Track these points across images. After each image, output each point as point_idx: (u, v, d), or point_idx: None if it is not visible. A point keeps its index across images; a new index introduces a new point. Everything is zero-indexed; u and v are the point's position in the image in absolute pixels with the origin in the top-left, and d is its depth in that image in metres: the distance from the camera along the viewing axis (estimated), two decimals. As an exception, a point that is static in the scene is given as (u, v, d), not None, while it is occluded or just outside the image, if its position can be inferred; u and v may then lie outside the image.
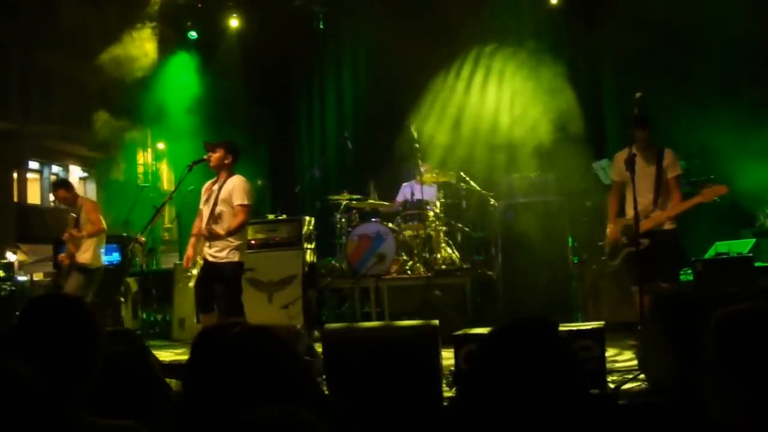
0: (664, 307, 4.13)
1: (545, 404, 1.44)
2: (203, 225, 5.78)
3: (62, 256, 7.19)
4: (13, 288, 10.09)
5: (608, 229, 5.89)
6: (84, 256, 6.95)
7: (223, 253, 5.69)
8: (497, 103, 9.74)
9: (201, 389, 1.84)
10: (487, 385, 1.48)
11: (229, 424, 1.37)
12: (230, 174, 5.85)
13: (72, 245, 6.97)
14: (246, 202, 5.73)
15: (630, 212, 5.52)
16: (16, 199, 21.41)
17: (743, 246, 7.38)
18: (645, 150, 5.57)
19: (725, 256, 7.05)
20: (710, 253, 7.34)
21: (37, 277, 19.60)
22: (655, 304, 4.34)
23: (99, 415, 1.86)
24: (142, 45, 11.37)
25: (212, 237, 5.63)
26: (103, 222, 7.18)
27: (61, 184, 7.60)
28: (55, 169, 23.43)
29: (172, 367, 4.50)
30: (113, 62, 10.82)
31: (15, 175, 21.52)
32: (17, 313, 1.96)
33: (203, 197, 5.90)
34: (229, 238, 5.70)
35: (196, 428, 1.78)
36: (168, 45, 12.95)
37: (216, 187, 5.82)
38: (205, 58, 11.44)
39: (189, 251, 5.89)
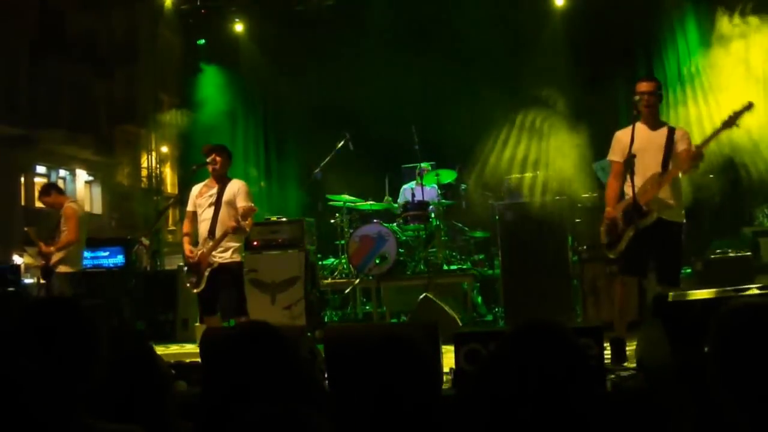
0: (664, 306, 4.16)
1: (558, 406, 1.45)
2: (204, 227, 5.85)
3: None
4: (21, 291, 10.16)
5: (606, 213, 5.28)
6: None
7: (227, 254, 5.79)
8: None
9: (213, 389, 1.87)
10: (500, 387, 1.50)
11: (234, 422, 1.40)
12: (227, 177, 5.94)
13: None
14: (252, 204, 5.84)
15: (630, 191, 5.00)
16: (23, 203, 21.53)
17: (742, 245, 7.41)
18: (652, 122, 5.08)
19: (725, 255, 7.08)
20: (710, 252, 7.37)
21: (44, 280, 19.66)
22: (654, 303, 4.36)
23: (104, 417, 1.90)
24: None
25: (236, 231, 5.70)
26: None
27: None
28: (62, 173, 23.56)
29: (176, 368, 4.57)
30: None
31: (22, 179, 21.65)
32: (17, 315, 1.97)
33: (196, 200, 5.96)
34: (231, 240, 5.78)
35: (215, 427, 1.81)
36: (172, 51, 13.05)
37: (215, 190, 5.88)
38: (210, 62, 11.53)
39: (187, 250, 5.95)
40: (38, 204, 23.00)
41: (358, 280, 7.65)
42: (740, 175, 7.32)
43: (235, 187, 5.88)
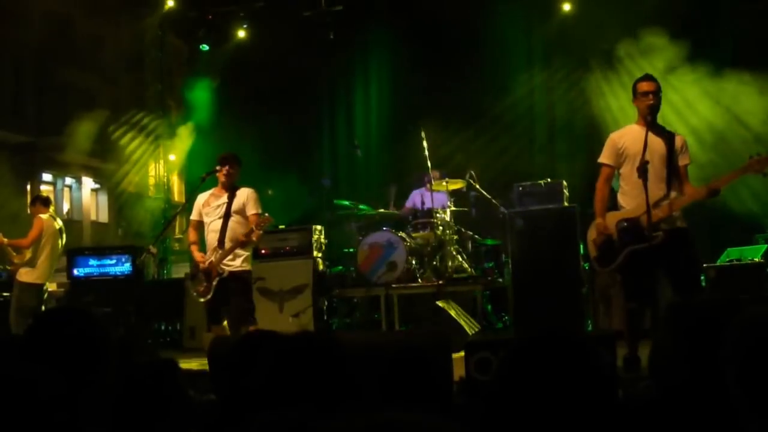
0: (678, 314, 4.10)
1: (570, 416, 1.42)
2: (213, 236, 5.81)
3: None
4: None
5: (595, 226, 4.86)
6: None
7: (237, 262, 5.76)
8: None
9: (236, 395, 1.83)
10: (516, 397, 1.47)
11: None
12: (236, 186, 5.91)
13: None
14: (261, 212, 5.80)
15: (628, 204, 4.77)
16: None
17: (755, 252, 7.34)
18: (654, 126, 4.74)
19: (738, 263, 7.02)
20: (722, 260, 7.30)
21: (51, 287, 19.73)
22: (667, 310, 4.29)
23: (118, 426, 1.87)
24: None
25: (245, 243, 5.67)
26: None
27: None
28: (68, 180, 23.62)
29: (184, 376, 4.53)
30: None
31: (29, 187, 21.72)
32: (29, 322, 1.97)
33: (203, 209, 5.92)
34: (240, 249, 5.75)
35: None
36: (179, 57, 13.08)
37: (224, 199, 5.84)
38: (215, 70, 11.54)
39: (197, 257, 5.91)
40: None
41: (367, 288, 7.61)
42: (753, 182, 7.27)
43: (245, 195, 5.84)
